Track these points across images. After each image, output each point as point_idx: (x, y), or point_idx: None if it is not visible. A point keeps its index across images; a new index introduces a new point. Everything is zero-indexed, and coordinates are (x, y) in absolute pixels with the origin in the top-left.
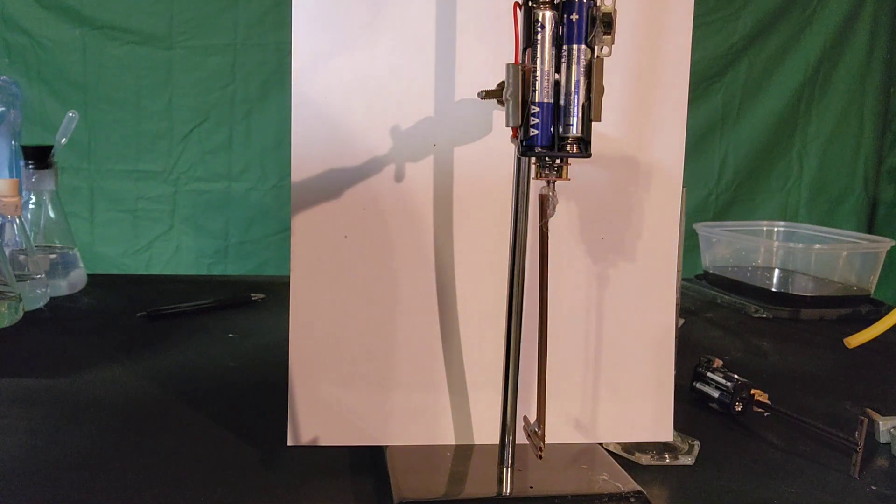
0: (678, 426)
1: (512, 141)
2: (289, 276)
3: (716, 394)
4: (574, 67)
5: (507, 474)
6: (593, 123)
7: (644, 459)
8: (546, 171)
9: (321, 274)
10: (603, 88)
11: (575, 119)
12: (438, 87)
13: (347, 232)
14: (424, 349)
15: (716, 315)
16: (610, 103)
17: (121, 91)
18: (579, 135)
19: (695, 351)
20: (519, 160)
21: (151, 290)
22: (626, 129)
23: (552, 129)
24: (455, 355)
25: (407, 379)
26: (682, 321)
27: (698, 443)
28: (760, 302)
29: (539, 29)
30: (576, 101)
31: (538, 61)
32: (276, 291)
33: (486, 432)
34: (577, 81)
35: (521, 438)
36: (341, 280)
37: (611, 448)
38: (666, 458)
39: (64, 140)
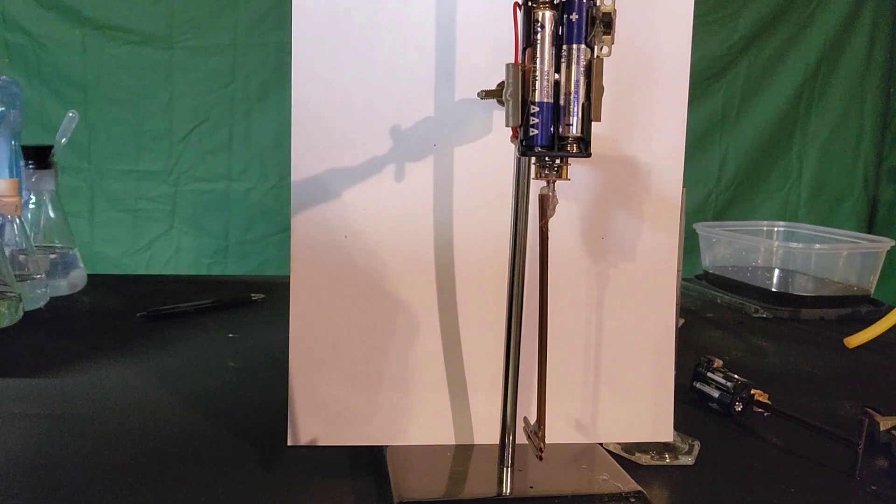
0: (678, 426)
1: (512, 141)
2: (289, 276)
3: (716, 394)
4: (574, 67)
5: (507, 474)
6: (593, 123)
7: (644, 459)
8: (546, 171)
9: (321, 274)
10: (603, 88)
11: (575, 119)
12: (438, 87)
13: (347, 232)
14: (424, 349)
15: (716, 315)
16: (610, 103)
17: (121, 91)
18: (579, 135)
19: (695, 351)
20: (519, 160)
21: (151, 290)
22: (626, 129)
23: (552, 129)
24: (455, 355)
25: (407, 379)
26: (682, 321)
27: (698, 443)
28: (760, 302)
29: (539, 29)
30: (576, 100)
31: (538, 61)
32: (276, 291)
33: (486, 432)
34: (577, 81)
35: (521, 438)
36: (341, 280)
37: (611, 448)
38: (666, 458)
39: (64, 140)
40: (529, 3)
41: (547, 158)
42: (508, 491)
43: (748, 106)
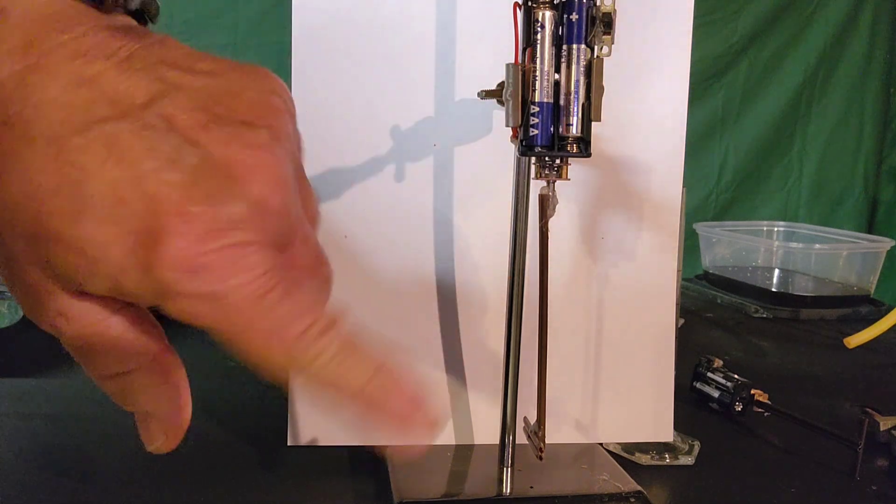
0: (678, 426)
1: (512, 141)
2: None
3: (716, 394)
4: (574, 67)
5: (507, 474)
6: (593, 123)
7: (644, 459)
8: (546, 171)
9: None
10: (603, 88)
11: (575, 119)
12: (438, 87)
13: (347, 232)
14: (424, 349)
15: (716, 315)
16: (610, 103)
17: None
18: (579, 134)
19: (695, 351)
20: (519, 160)
21: None
22: (626, 128)
23: (552, 129)
24: (455, 355)
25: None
26: (682, 321)
27: (698, 443)
28: (760, 302)
29: (539, 29)
30: (576, 100)
31: (538, 61)
32: None
33: (486, 432)
34: (577, 81)
35: (521, 438)
36: (341, 280)
37: (611, 448)
38: (666, 458)
39: None
40: (529, 3)
41: (547, 158)
42: (508, 491)
43: (748, 106)
